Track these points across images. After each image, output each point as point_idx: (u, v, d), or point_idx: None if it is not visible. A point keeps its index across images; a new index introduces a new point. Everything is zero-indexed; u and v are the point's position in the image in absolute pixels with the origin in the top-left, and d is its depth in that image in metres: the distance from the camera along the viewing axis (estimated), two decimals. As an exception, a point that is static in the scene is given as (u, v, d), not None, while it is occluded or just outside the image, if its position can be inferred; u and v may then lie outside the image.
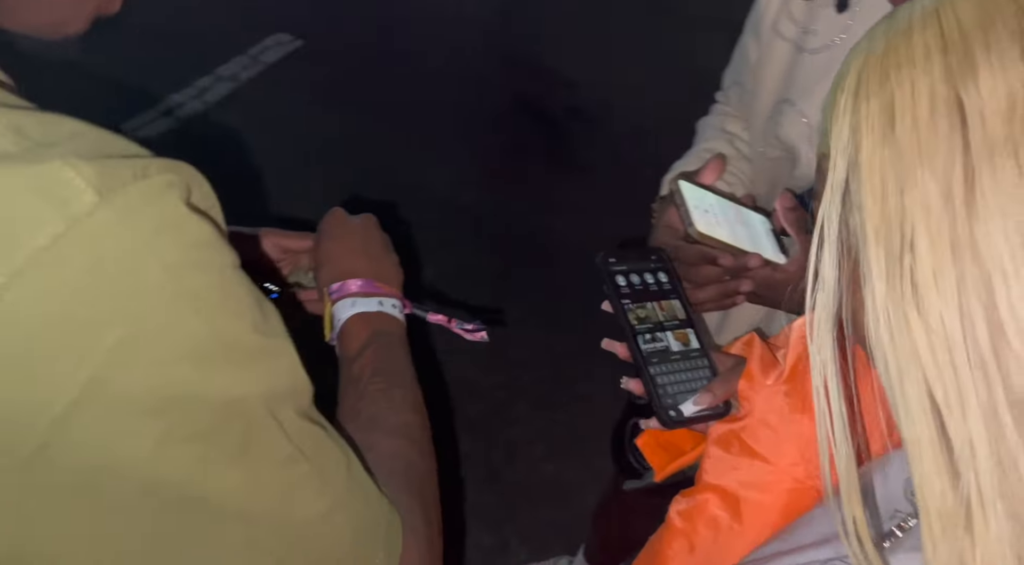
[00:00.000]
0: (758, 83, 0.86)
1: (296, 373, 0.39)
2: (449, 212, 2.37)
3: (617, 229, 2.50)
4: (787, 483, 0.59)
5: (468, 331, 0.72)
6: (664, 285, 0.68)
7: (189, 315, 0.33)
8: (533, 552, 1.68)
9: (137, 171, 0.32)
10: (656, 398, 0.62)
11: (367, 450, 0.53)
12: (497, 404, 1.92)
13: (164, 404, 0.32)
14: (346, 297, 0.65)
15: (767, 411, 0.61)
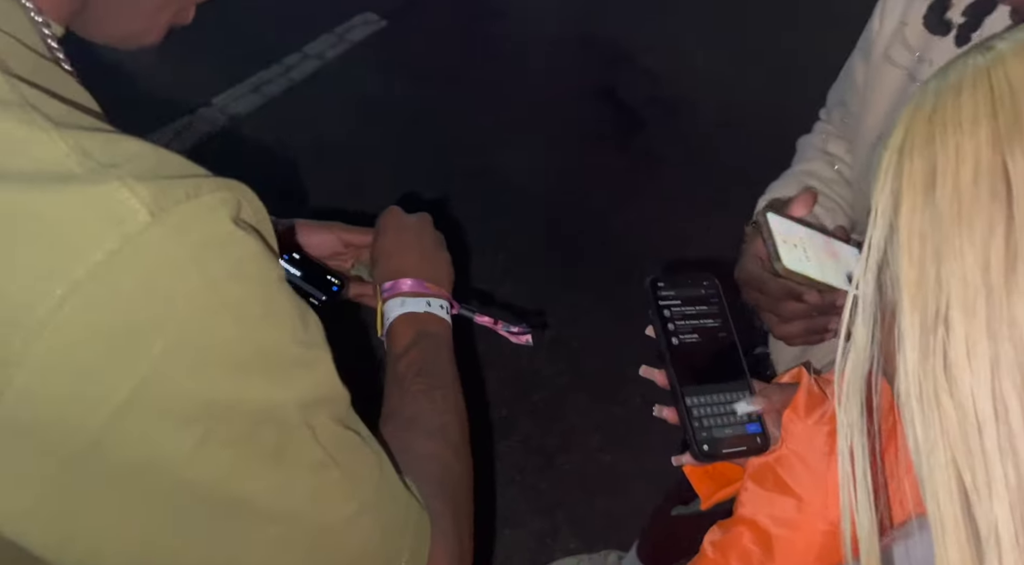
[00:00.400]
0: (865, 108, 0.83)
1: (332, 382, 0.41)
2: (521, 198, 2.38)
3: (690, 225, 2.47)
4: (820, 525, 0.58)
5: (513, 333, 0.74)
6: (714, 313, 0.66)
7: (230, 326, 0.35)
8: (583, 541, 1.69)
9: (190, 191, 0.35)
10: (691, 430, 0.61)
11: (404, 451, 0.55)
12: (558, 392, 1.93)
13: (204, 410, 0.35)
14: (396, 296, 0.67)
15: (805, 448, 0.60)
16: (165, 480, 0.35)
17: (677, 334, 0.63)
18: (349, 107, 2.52)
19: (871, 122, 0.82)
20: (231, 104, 2.38)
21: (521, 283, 2.14)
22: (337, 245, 0.76)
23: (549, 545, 1.68)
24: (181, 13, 0.48)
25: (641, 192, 2.48)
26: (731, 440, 0.61)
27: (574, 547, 1.68)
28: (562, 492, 1.76)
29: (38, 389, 0.32)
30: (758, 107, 2.79)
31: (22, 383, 0.31)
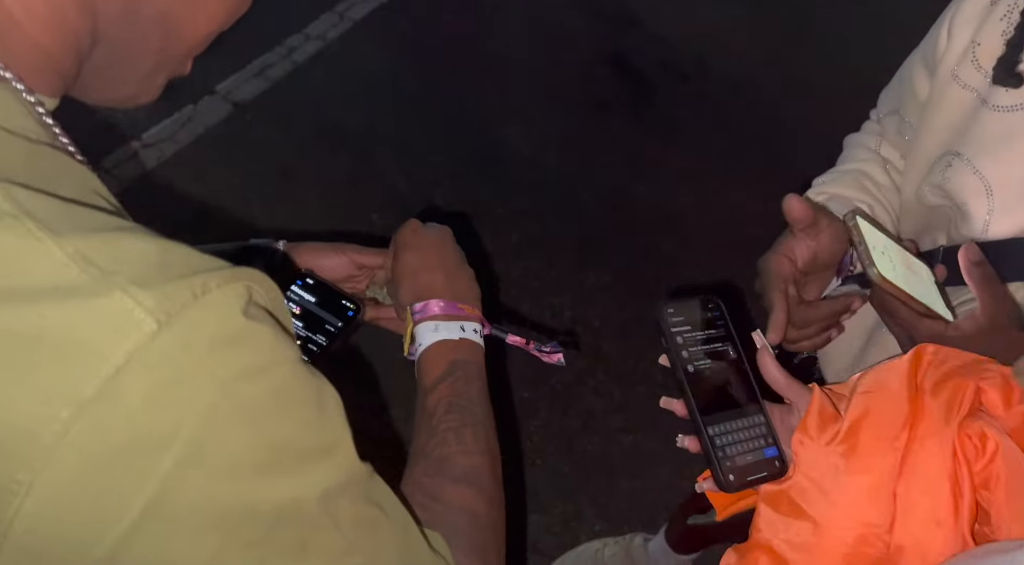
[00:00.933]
0: (926, 125, 0.78)
1: (352, 463, 0.40)
2: (533, 173, 2.34)
3: (709, 196, 2.42)
4: (838, 548, 0.56)
5: (545, 353, 0.72)
6: (721, 335, 0.64)
7: (242, 429, 0.34)
8: (608, 523, 1.69)
9: (196, 290, 0.33)
10: (716, 462, 0.59)
11: (434, 500, 0.54)
12: (578, 373, 1.91)
13: (220, 518, 0.34)
14: (429, 319, 0.65)
15: (817, 471, 0.58)
16: None
17: (692, 361, 0.61)
18: (354, 87, 2.47)
19: (933, 141, 0.77)
20: (235, 90, 2.34)
21: (535, 261, 2.12)
22: (350, 267, 0.74)
23: (574, 528, 1.68)
24: (180, 67, 0.46)
25: (657, 161, 2.43)
26: (752, 467, 0.60)
27: (599, 529, 1.68)
28: (585, 475, 1.75)
29: (48, 514, 0.31)
30: (773, 71, 2.71)
31: (31, 510, 0.31)
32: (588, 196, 2.31)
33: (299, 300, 0.70)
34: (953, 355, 0.60)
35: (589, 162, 2.40)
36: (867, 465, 0.56)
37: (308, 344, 0.68)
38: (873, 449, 0.56)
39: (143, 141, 2.15)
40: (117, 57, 0.41)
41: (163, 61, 0.44)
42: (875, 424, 0.57)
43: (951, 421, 0.55)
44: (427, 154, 2.32)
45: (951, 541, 0.53)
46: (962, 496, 0.54)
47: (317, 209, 2.12)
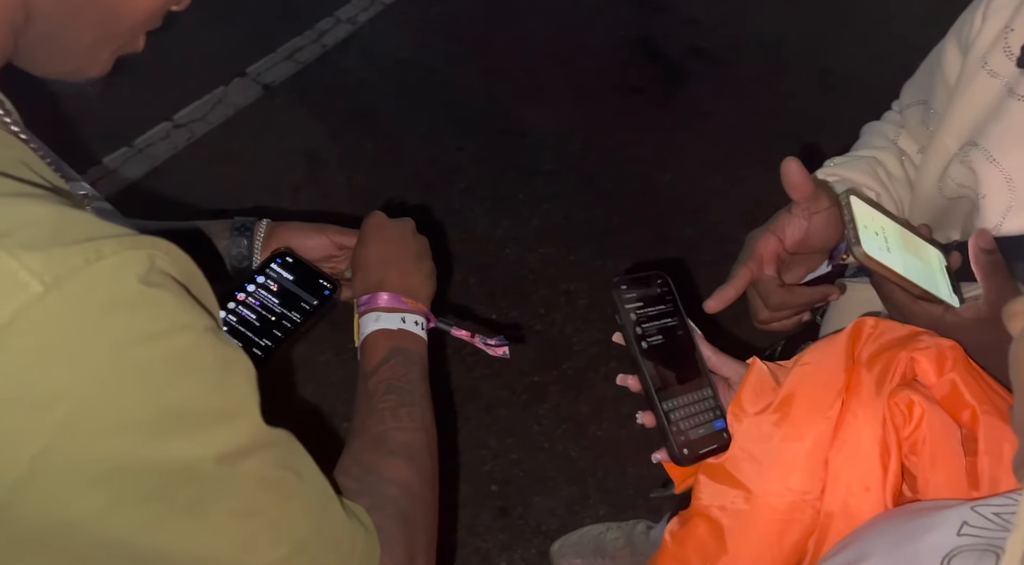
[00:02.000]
0: (951, 110, 0.76)
1: (256, 429, 0.41)
2: (557, 159, 2.33)
3: (735, 185, 2.38)
4: (771, 515, 0.58)
5: (490, 346, 0.74)
6: (670, 311, 0.65)
7: (133, 391, 0.35)
8: (613, 508, 1.70)
9: (89, 255, 0.34)
10: (670, 436, 0.61)
11: (368, 471, 0.56)
12: (590, 360, 1.92)
13: (111, 473, 0.35)
14: (372, 311, 0.67)
15: (750, 440, 0.59)
16: (79, 540, 0.36)
17: (645, 337, 0.63)
18: (383, 71, 2.50)
19: (956, 130, 0.75)
20: (265, 73, 2.39)
21: (554, 247, 2.12)
22: (330, 248, 0.76)
23: (578, 512, 1.69)
24: (129, 44, 0.48)
25: (684, 148, 2.40)
26: (704, 440, 0.62)
27: (604, 514, 1.69)
28: (593, 459, 1.76)
29: None
30: (809, 59, 2.64)
31: None
32: (611, 183, 2.30)
33: (277, 277, 0.72)
34: (892, 328, 0.61)
35: (614, 148, 2.39)
36: (800, 433, 0.58)
37: (282, 321, 0.70)
38: (806, 418, 0.58)
39: (175, 121, 2.21)
40: (54, 31, 0.43)
41: (104, 36, 0.45)
42: (810, 394, 0.59)
43: (882, 391, 0.57)
44: (453, 138, 2.34)
45: (878, 506, 0.55)
46: (890, 462, 0.55)
47: (343, 192, 2.16)
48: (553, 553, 1.60)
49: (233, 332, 0.68)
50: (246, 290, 0.70)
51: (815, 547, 0.57)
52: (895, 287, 0.67)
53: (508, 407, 1.82)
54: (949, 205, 0.77)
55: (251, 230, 0.75)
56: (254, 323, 0.69)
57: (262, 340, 0.68)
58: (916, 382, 0.58)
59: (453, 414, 1.80)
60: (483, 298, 2.00)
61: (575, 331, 1.97)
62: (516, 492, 1.71)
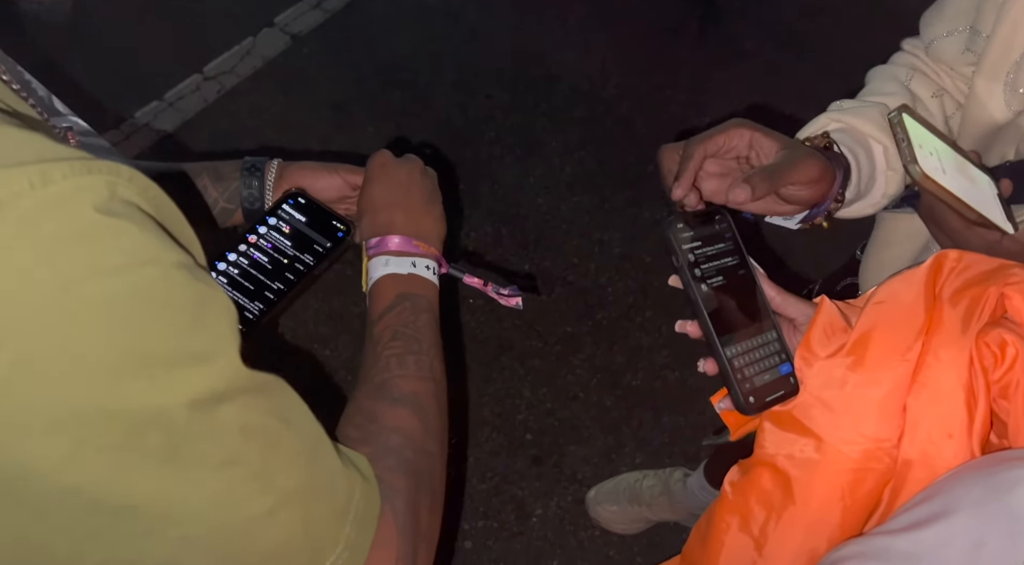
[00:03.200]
0: (1002, 23, 0.70)
1: (235, 372, 0.38)
2: (590, 105, 2.27)
3: (777, 128, 2.29)
4: (843, 464, 0.54)
5: (503, 296, 0.70)
6: (731, 250, 0.60)
7: (93, 330, 0.32)
8: (648, 457, 1.69)
9: (35, 179, 0.31)
10: (735, 384, 0.57)
11: (370, 420, 0.54)
12: (625, 309, 1.89)
13: (69, 419, 0.32)
14: (382, 254, 0.65)
15: (821, 386, 0.55)
16: (40, 488, 0.33)
17: (705, 279, 0.58)
18: (410, 19, 2.44)
19: (1010, 41, 0.68)
20: (292, 23, 2.35)
21: (588, 196, 2.08)
22: (344, 188, 0.73)
23: (614, 460, 1.69)
24: None
25: (722, 91, 2.31)
26: (770, 386, 0.58)
27: (640, 462, 1.69)
28: (628, 409, 1.75)
29: None
30: (855, -12, 2.50)
31: None
32: (646, 128, 2.23)
33: (289, 219, 0.70)
34: (978, 261, 0.56)
35: (649, 92, 2.31)
36: (875, 378, 0.54)
37: (295, 264, 0.68)
38: (883, 361, 0.54)
39: (205, 74, 2.20)
40: None
41: None
42: (886, 335, 0.54)
43: (969, 330, 0.52)
44: (483, 86, 2.28)
45: (962, 454, 0.51)
46: (976, 407, 0.51)
47: (372, 142, 2.14)
48: (589, 501, 1.60)
49: (245, 275, 0.67)
50: (257, 232, 0.69)
51: (890, 497, 0.54)
52: (949, 212, 0.63)
53: (542, 358, 1.81)
54: (1001, 130, 0.72)
55: (262, 170, 0.72)
56: (266, 266, 0.67)
57: (275, 283, 0.67)
58: (1007, 320, 0.53)
59: (486, 365, 1.79)
60: (515, 249, 1.98)
61: (609, 281, 1.94)
62: (550, 441, 1.71)
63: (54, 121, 0.47)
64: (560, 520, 1.61)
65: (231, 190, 0.72)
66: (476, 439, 1.70)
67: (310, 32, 2.35)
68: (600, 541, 1.59)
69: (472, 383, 1.77)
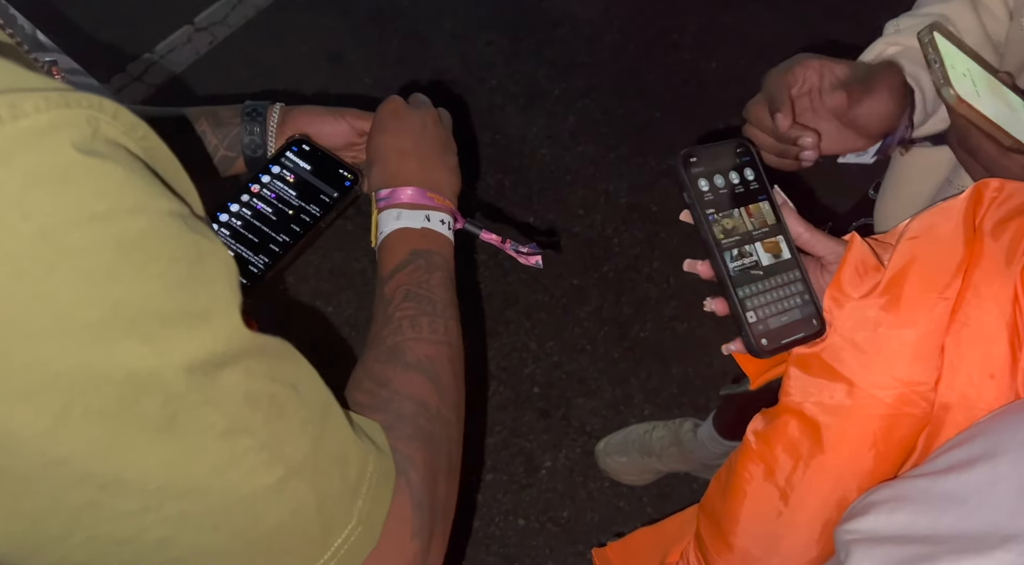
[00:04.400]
0: None
1: (237, 334, 0.35)
2: (593, 51, 2.20)
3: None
4: (876, 409, 0.51)
5: (522, 254, 0.66)
6: (751, 184, 0.56)
7: (75, 283, 0.29)
8: (658, 408, 1.68)
9: (2, 112, 0.27)
10: (746, 326, 0.54)
11: (382, 385, 0.50)
12: (632, 260, 1.86)
13: (54, 381, 0.29)
14: (392, 207, 0.61)
15: (852, 328, 0.52)
16: (26, 461, 0.30)
17: (718, 214, 0.55)
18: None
19: None
20: (284, -30, 2.27)
21: (592, 145, 2.03)
22: (351, 134, 0.69)
23: (623, 412, 1.68)
24: None
25: (730, 34, 2.24)
26: (787, 328, 0.55)
27: (649, 413, 1.68)
28: (636, 360, 1.73)
29: None
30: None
31: None
32: (653, 74, 2.17)
33: (293, 167, 0.66)
34: (1021, 189, 0.52)
35: (655, 37, 2.24)
36: (911, 318, 0.50)
37: (301, 215, 0.65)
38: (919, 300, 0.50)
39: (196, 25, 2.13)
40: None
41: None
42: (922, 272, 0.51)
43: (1014, 263, 0.48)
44: (481, 33, 2.21)
45: (1004, 395, 0.48)
46: (1021, 345, 0.48)
47: (370, 93, 2.08)
48: (598, 452, 1.60)
49: (248, 227, 0.64)
50: (260, 181, 0.65)
51: (926, 442, 0.51)
52: (984, 138, 0.59)
53: (548, 311, 1.79)
54: None
55: (263, 115, 0.68)
56: (270, 217, 0.64)
57: (280, 236, 0.64)
58: None
59: (492, 319, 1.77)
60: (519, 201, 1.94)
61: (615, 232, 1.90)
62: (558, 394, 1.70)
63: (36, 55, 0.43)
64: (569, 472, 1.61)
65: (231, 136, 0.68)
66: (483, 393, 1.69)
67: (305, -23, 2.27)
68: (610, 492, 1.59)
69: (477, 337, 1.75)
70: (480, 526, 1.56)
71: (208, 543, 0.36)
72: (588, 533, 1.55)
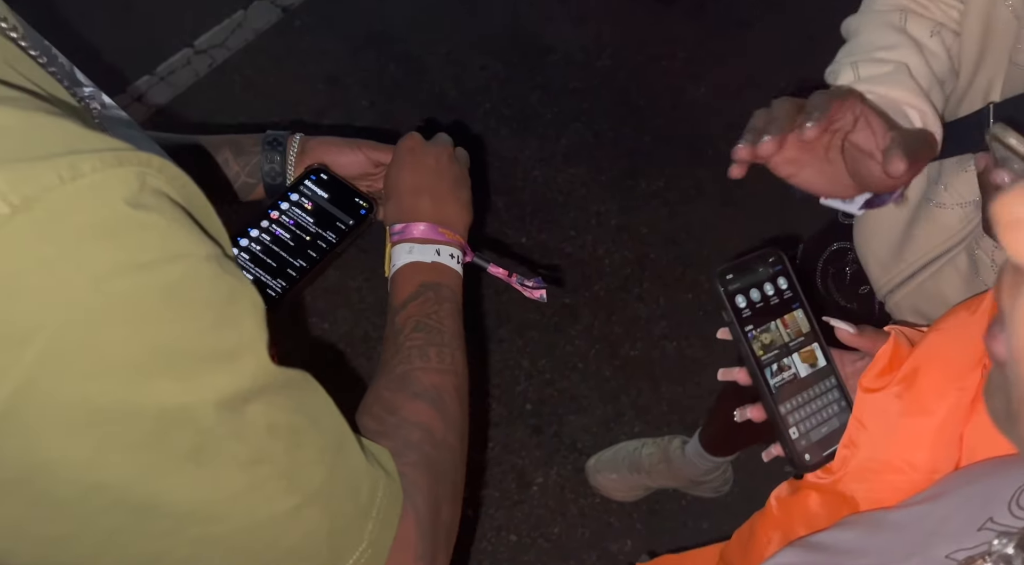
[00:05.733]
0: None
1: (262, 370, 0.37)
2: (585, 76, 2.26)
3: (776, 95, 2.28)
4: (891, 494, 0.54)
5: (527, 287, 0.70)
6: (785, 293, 0.59)
7: (119, 327, 0.31)
8: (647, 425, 1.71)
9: (63, 173, 0.30)
10: (790, 443, 0.56)
11: (391, 412, 0.53)
12: (623, 280, 1.90)
13: (96, 416, 0.32)
14: (405, 241, 0.64)
15: (869, 416, 0.55)
16: (65, 486, 0.33)
17: (757, 332, 0.57)
18: (403, -11, 2.41)
19: None
20: (283, -5, 2.32)
21: (583, 167, 2.07)
22: (366, 165, 0.73)
23: (613, 429, 1.71)
24: None
25: (720, 62, 2.30)
26: (828, 439, 0.57)
27: (639, 431, 1.71)
28: (626, 379, 1.77)
29: None
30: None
31: None
32: (643, 99, 2.22)
33: (311, 195, 0.69)
34: None
35: (646, 63, 2.29)
36: (926, 406, 0.53)
37: (317, 241, 0.68)
38: (935, 389, 0.53)
39: (195, 47, 2.17)
40: None
41: None
42: (941, 363, 0.53)
43: None
44: (477, 58, 2.26)
45: None
46: None
47: (367, 116, 2.12)
48: (589, 469, 1.62)
49: (267, 252, 0.67)
50: (279, 208, 0.68)
51: None
52: None
53: (540, 329, 1.82)
54: None
55: (283, 144, 0.71)
56: (288, 243, 0.67)
57: (297, 261, 0.67)
58: None
59: (485, 337, 1.80)
60: (512, 222, 1.97)
61: (606, 252, 1.94)
62: (550, 411, 1.72)
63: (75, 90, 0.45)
64: (561, 488, 1.63)
65: (252, 164, 0.71)
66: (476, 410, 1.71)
67: (302, 4, 2.31)
68: (600, 508, 1.61)
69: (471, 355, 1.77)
70: (472, 542, 1.57)
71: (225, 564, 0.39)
72: (579, 549, 1.58)
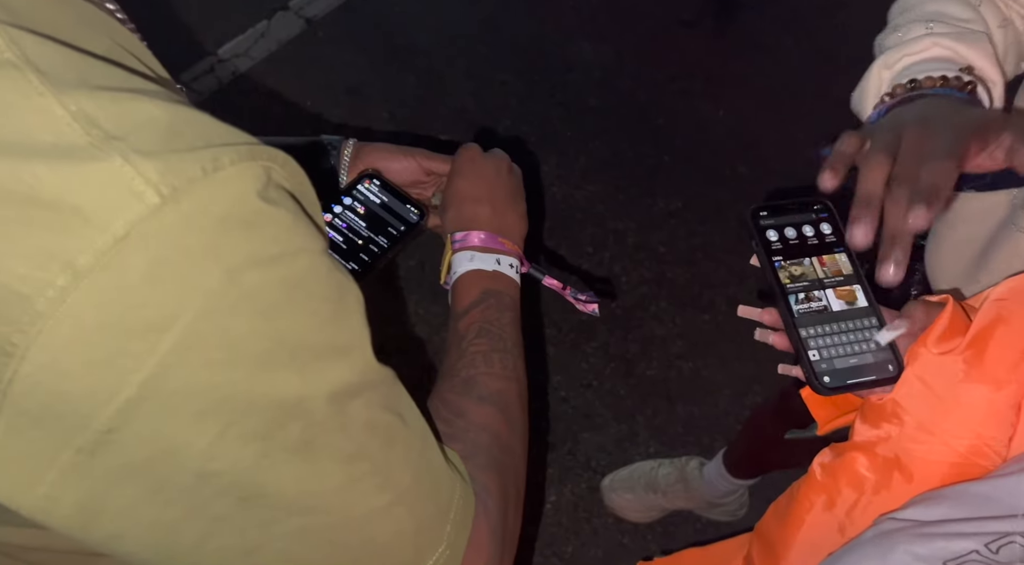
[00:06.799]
0: None
1: (368, 367, 0.38)
2: (605, 95, 2.26)
3: (793, 121, 2.29)
4: (947, 456, 0.53)
5: (580, 301, 0.70)
6: (827, 238, 0.60)
7: (249, 318, 0.32)
8: (662, 445, 1.70)
9: (207, 164, 0.31)
10: (808, 363, 0.56)
11: (457, 416, 0.53)
12: (640, 299, 1.89)
13: (220, 405, 0.32)
14: (466, 249, 0.64)
15: (932, 377, 0.54)
16: (184, 472, 0.33)
17: (786, 263, 0.58)
18: (425, 5, 2.43)
19: None
20: (307, 6, 2.34)
21: (602, 185, 2.07)
22: (419, 173, 0.73)
23: (628, 449, 1.69)
24: None
25: (738, 83, 2.31)
26: (856, 370, 0.56)
27: (654, 451, 1.69)
28: (642, 398, 1.75)
29: (45, 381, 0.30)
30: (873, -17, 2.50)
31: (27, 374, 0.29)
32: (662, 119, 2.23)
33: (364, 200, 0.69)
34: None
35: (665, 83, 2.30)
36: (992, 375, 0.52)
37: (369, 245, 0.68)
38: (1001, 359, 0.52)
39: (219, 56, 2.19)
40: None
41: None
42: (1007, 332, 0.53)
43: None
44: (497, 74, 2.27)
45: None
46: None
47: (386, 128, 2.13)
48: (604, 488, 1.61)
49: None
50: (332, 211, 0.68)
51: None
52: None
53: (556, 345, 1.81)
54: None
55: (338, 149, 0.72)
56: (340, 246, 0.67)
57: (349, 264, 0.67)
58: None
59: (501, 351, 1.79)
60: (529, 237, 1.97)
61: (623, 270, 1.94)
62: (564, 428, 1.71)
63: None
64: (574, 507, 1.62)
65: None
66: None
67: (325, 16, 2.33)
68: (614, 528, 1.60)
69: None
70: (484, 559, 1.55)
71: (320, 558, 0.39)
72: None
